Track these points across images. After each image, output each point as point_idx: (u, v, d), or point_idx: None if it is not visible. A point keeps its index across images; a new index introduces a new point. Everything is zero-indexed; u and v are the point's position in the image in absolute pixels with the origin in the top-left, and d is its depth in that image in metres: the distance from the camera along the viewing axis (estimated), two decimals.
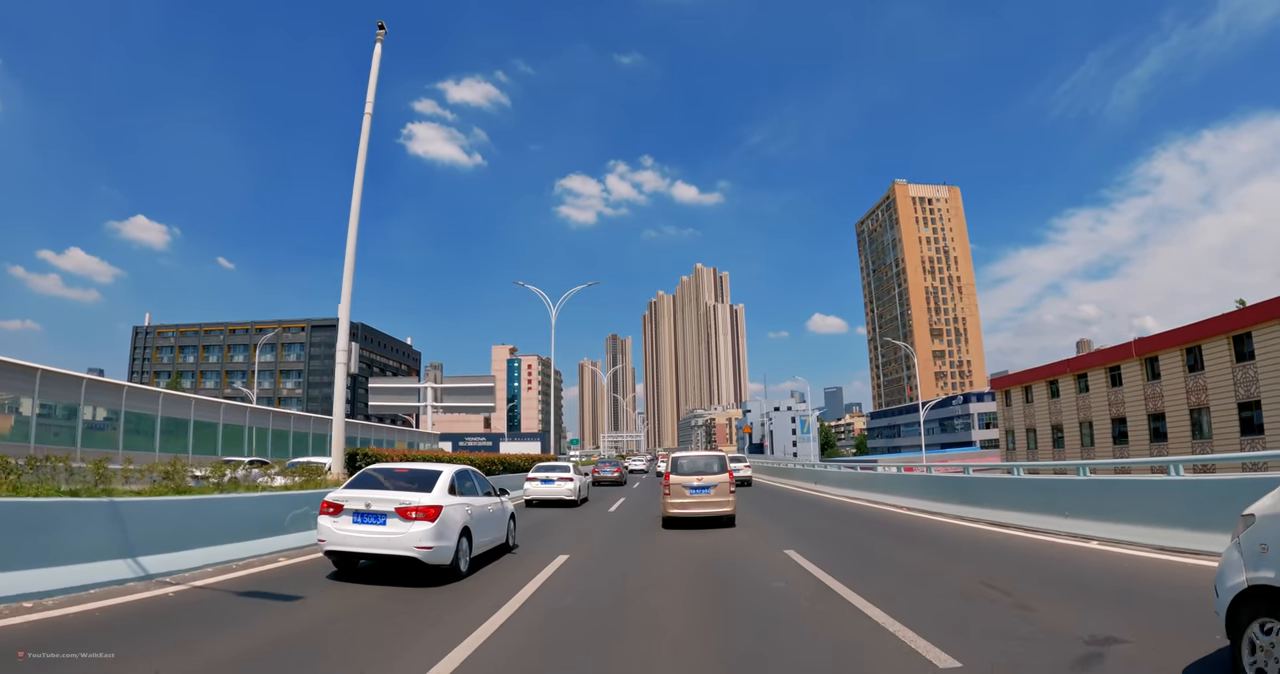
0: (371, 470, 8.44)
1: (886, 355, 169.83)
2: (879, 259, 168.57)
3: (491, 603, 6.27)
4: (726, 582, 7.65)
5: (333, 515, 7.43)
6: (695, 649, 4.85)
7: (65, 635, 4.84)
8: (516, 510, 10.93)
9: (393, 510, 7.28)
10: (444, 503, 7.59)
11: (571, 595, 6.81)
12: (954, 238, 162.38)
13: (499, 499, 9.77)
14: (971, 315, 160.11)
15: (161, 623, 5.47)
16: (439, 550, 7.32)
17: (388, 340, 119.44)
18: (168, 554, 7.46)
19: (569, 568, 8.51)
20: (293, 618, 5.83)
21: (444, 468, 8.46)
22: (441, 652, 4.63)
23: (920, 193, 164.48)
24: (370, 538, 7.26)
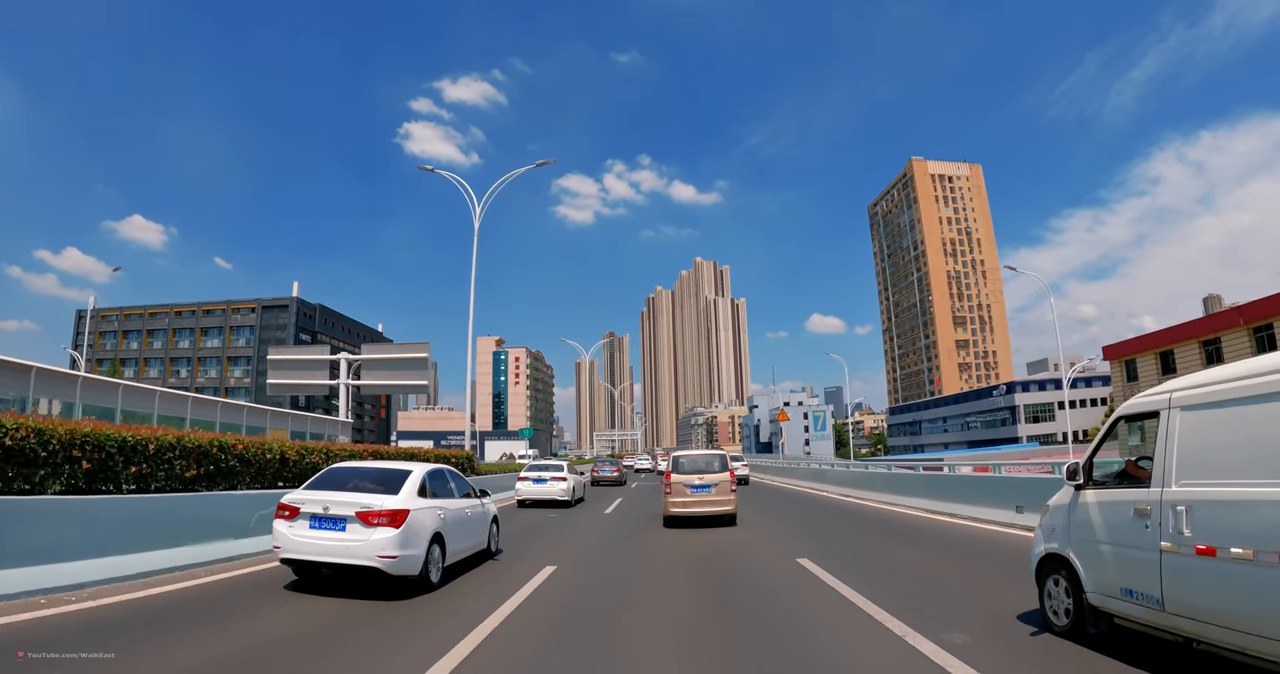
0: (337, 468, 7.72)
1: (904, 346, 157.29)
2: (894, 242, 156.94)
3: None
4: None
5: (288, 519, 6.72)
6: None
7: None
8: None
9: (353, 515, 6.58)
10: (412, 506, 6.88)
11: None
12: (976, 218, 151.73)
13: (479, 501, 9.10)
14: (996, 302, 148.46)
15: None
16: (404, 560, 6.64)
17: (352, 325, 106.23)
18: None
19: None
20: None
21: (414, 467, 7.72)
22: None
23: (940, 170, 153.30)
24: (328, 545, 6.56)
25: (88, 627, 5.19)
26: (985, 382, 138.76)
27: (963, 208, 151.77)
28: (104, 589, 6.43)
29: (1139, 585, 4.15)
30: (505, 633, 5.33)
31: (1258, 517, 3.43)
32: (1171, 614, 3.92)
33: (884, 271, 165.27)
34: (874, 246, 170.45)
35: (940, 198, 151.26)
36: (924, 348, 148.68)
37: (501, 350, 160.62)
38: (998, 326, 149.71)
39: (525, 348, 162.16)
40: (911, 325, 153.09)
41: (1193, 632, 3.85)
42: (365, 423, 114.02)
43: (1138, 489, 4.29)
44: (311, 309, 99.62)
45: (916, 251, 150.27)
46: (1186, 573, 3.82)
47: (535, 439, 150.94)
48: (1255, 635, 3.41)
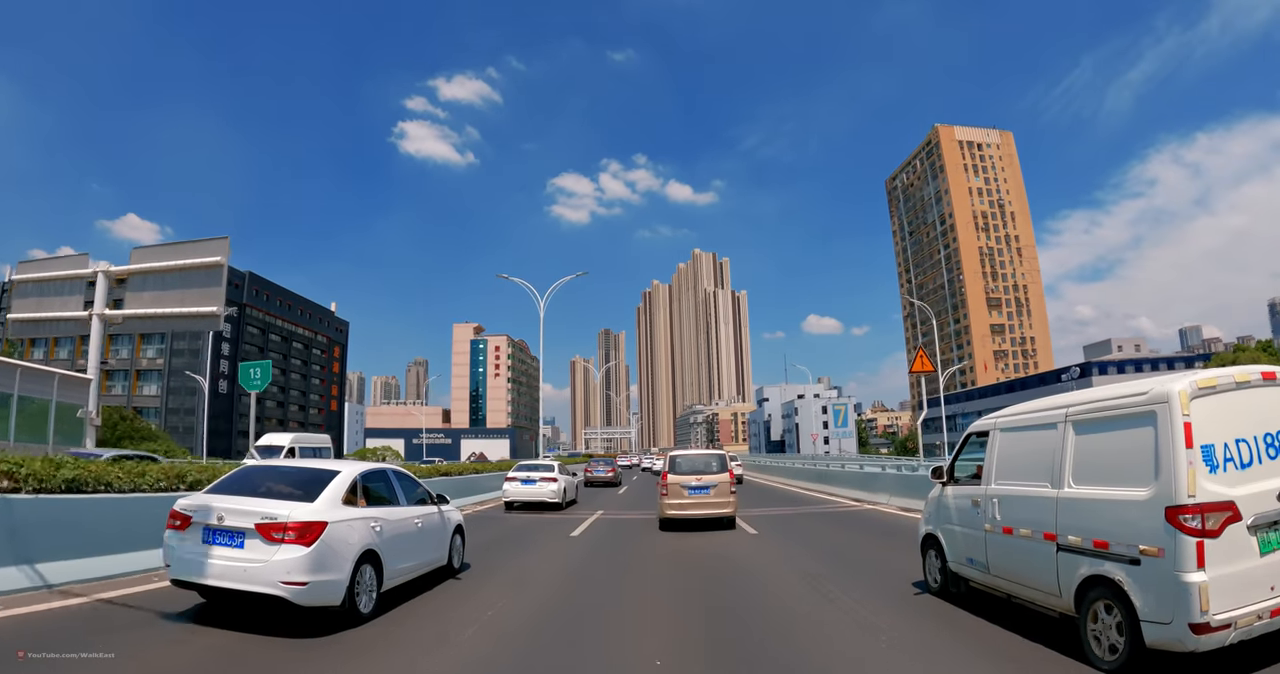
0: (253, 467, 6.52)
1: (931, 333, 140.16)
2: (917, 218, 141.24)
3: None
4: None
5: (179, 531, 5.43)
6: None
7: None
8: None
9: (251, 527, 5.21)
10: (330, 518, 5.46)
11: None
12: (1009, 190, 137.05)
13: (435, 509, 7.60)
14: (1034, 283, 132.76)
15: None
16: (318, 587, 5.24)
17: (294, 299, 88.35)
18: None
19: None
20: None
21: (343, 467, 6.31)
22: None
23: (968, 136, 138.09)
24: (221, 566, 5.21)
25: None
26: (1024, 372, 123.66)
27: (994, 178, 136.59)
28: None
29: (976, 555, 5.74)
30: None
31: (1030, 506, 5.02)
32: (994, 575, 5.48)
33: (904, 251, 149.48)
34: (893, 224, 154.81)
35: (969, 167, 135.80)
36: (953, 334, 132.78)
37: (480, 339, 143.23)
38: (1035, 310, 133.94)
39: (507, 336, 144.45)
40: (938, 309, 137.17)
41: (1005, 589, 5.40)
42: (311, 416, 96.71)
43: (976, 486, 5.83)
44: (239, 278, 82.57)
45: (943, 226, 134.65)
46: (998, 546, 5.38)
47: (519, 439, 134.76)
48: (1033, 589, 4.97)
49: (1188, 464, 3.80)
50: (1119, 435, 4.33)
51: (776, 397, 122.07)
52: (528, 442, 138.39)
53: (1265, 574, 3.83)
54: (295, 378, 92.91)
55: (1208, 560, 3.69)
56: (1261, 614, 3.77)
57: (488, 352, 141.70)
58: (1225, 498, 3.81)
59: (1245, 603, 3.75)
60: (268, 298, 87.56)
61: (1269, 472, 3.98)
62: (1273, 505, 3.90)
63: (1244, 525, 3.81)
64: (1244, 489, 3.87)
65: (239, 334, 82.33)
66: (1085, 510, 4.45)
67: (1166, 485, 3.86)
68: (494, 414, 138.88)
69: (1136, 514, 4.02)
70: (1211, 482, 3.83)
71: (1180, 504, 3.77)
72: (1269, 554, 3.87)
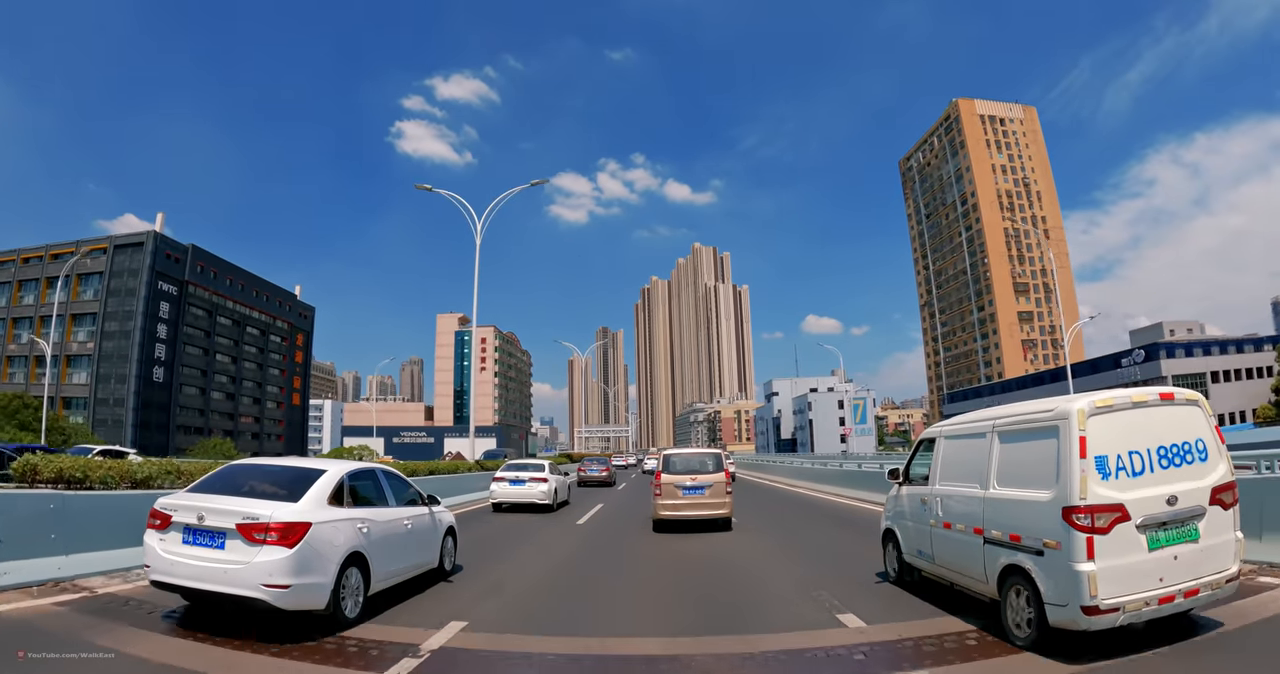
0: (237, 466, 6.22)
1: (950, 323, 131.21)
2: (935, 199, 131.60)
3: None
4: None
5: (159, 530, 5.26)
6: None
7: None
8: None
9: (233, 527, 5.04)
10: (315, 519, 5.30)
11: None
12: (1034, 167, 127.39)
13: (425, 510, 7.39)
14: (1062, 267, 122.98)
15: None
16: (301, 590, 5.07)
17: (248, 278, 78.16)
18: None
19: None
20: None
21: (329, 466, 6.06)
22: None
23: (989, 111, 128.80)
24: (202, 568, 5.02)
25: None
26: (1053, 363, 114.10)
27: (1018, 155, 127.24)
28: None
29: (924, 548, 6.31)
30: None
31: (964, 504, 5.58)
32: (938, 565, 6.06)
33: (921, 235, 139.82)
34: (908, 207, 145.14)
35: (991, 142, 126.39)
36: (976, 323, 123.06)
37: (465, 330, 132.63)
38: (1065, 296, 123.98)
39: (494, 327, 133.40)
40: (959, 297, 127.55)
41: (948, 577, 5.96)
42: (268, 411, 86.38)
43: (925, 487, 6.38)
44: (180, 251, 72.37)
45: (965, 206, 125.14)
46: (941, 539, 5.95)
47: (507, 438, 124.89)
48: (968, 576, 5.52)
49: (1080, 472, 4.40)
50: (1031, 445, 4.93)
51: (787, 391, 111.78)
52: (517, 441, 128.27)
53: (1153, 567, 4.37)
54: (249, 367, 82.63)
55: (1097, 553, 4.28)
56: (1149, 602, 4.35)
57: (473, 344, 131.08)
58: (1114, 501, 4.38)
59: (1133, 591, 4.32)
60: (215, 275, 77.33)
61: (1160, 480, 4.52)
62: (1162, 509, 4.45)
63: (1133, 525, 4.38)
64: (1134, 494, 4.43)
65: (179, 315, 72.14)
66: (1005, 508, 5.06)
67: (1064, 489, 4.48)
68: (480, 411, 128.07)
69: (1041, 512, 4.62)
70: (1103, 487, 4.42)
71: (1073, 505, 4.38)
72: (1157, 550, 4.42)
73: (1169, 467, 4.54)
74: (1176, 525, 4.47)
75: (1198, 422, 4.75)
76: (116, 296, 69.38)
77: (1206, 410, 4.85)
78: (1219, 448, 4.74)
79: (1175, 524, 4.47)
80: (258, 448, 77.43)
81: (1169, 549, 4.41)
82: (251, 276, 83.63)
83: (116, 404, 67.84)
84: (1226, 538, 4.61)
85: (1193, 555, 4.46)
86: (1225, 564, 4.57)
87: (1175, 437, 4.63)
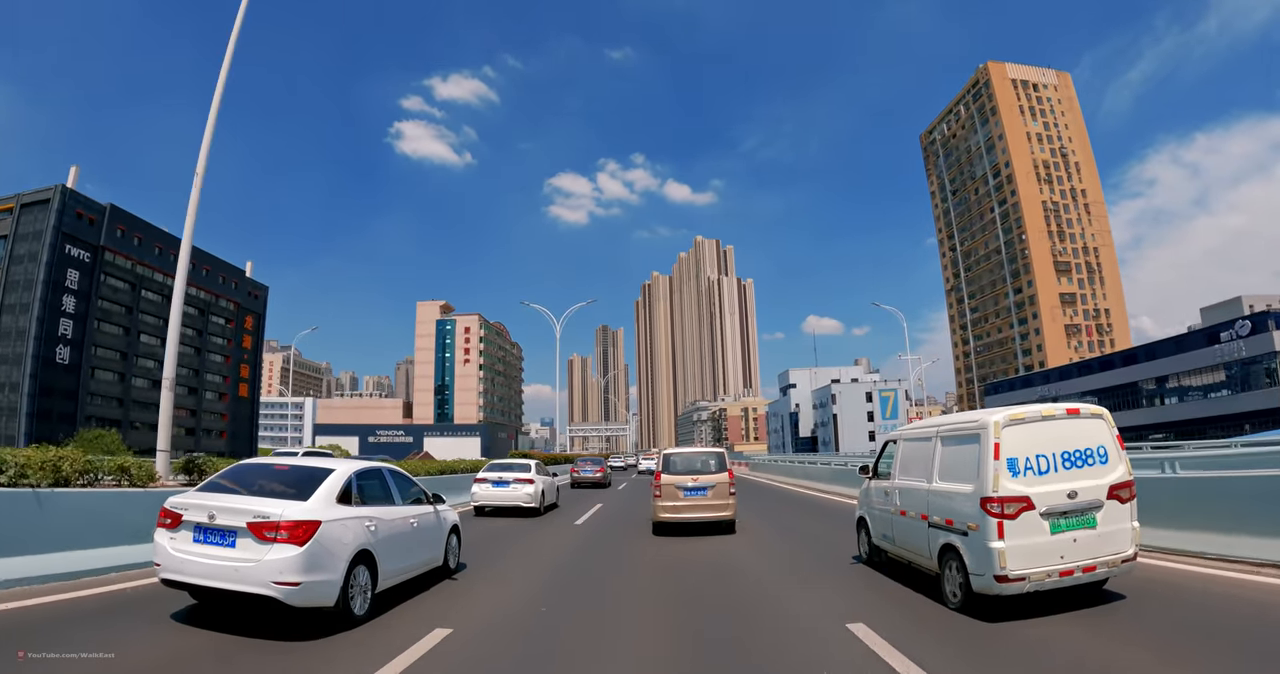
0: (247, 464, 6.27)
1: (981, 308, 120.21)
2: (963, 173, 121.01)
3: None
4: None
5: (170, 529, 5.30)
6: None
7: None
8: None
9: (243, 526, 5.10)
10: (325, 517, 5.36)
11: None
12: (1071, 136, 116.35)
13: (431, 508, 7.48)
14: (1105, 245, 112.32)
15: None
16: (311, 587, 5.12)
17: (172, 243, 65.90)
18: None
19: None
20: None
21: (338, 465, 6.14)
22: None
23: (1022, 75, 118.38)
24: (212, 566, 5.07)
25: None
26: (1100, 350, 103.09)
27: (1053, 123, 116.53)
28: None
29: (887, 532, 7.42)
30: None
31: (915, 495, 6.68)
32: (898, 547, 7.13)
33: (946, 214, 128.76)
34: (930, 184, 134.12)
35: (1025, 109, 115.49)
36: (1012, 307, 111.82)
37: (448, 319, 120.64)
38: (1109, 277, 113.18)
39: (479, 316, 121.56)
40: (992, 279, 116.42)
41: (905, 557, 7.04)
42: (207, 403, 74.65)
43: (888, 481, 7.43)
44: (95, 211, 60.76)
45: (997, 179, 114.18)
46: (900, 525, 6.99)
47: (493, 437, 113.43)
48: (918, 555, 6.63)
49: (994, 470, 5.47)
50: (962, 448, 6.02)
51: (806, 382, 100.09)
52: (505, 440, 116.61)
53: (1055, 547, 5.41)
54: (184, 351, 71.11)
55: (1006, 534, 5.34)
56: (1051, 574, 5.38)
57: (456, 334, 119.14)
58: (1021, 494, 5.43)
59: (1037, 565, 5.34)
60: (140, 242, 65.71)
61: (1063, 478, 5.58)
62: (1063, 501, 5.48)
63: (1037, 513, 5.42)
64: (1039, 489, 5.47)
65: (93, 286, 60.58)
66: (942, 498, 6.15)
67: (982, 482, 5.54)
68: (463, 407, 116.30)
69: (966, 501, 5.70)
70: (1012, 482, 5.46)
71: (988, 496, 5.45)
72: (1058, 534, 5.45)
73: (1071, 467, 5.64)
74: (1076, 515, 5.53)
75: (1101, 432, 5.85)
76: (20, 264, 58.02)
77: (1109, 422, 5.94)
78: (1119, 453, 5.83)
79: (1075, 514, 5.53)
80: (193, 445, 65.68)
81: (1069, 533, 5.49)
82: (175, 239, 72.24)
83: (12, 390, 56.43)
84: (1123, 526, 5.65)
85: (1091, 539, 5.52)
86: (1122, 547, 5.62)
87: (1079, 443, 5.72)
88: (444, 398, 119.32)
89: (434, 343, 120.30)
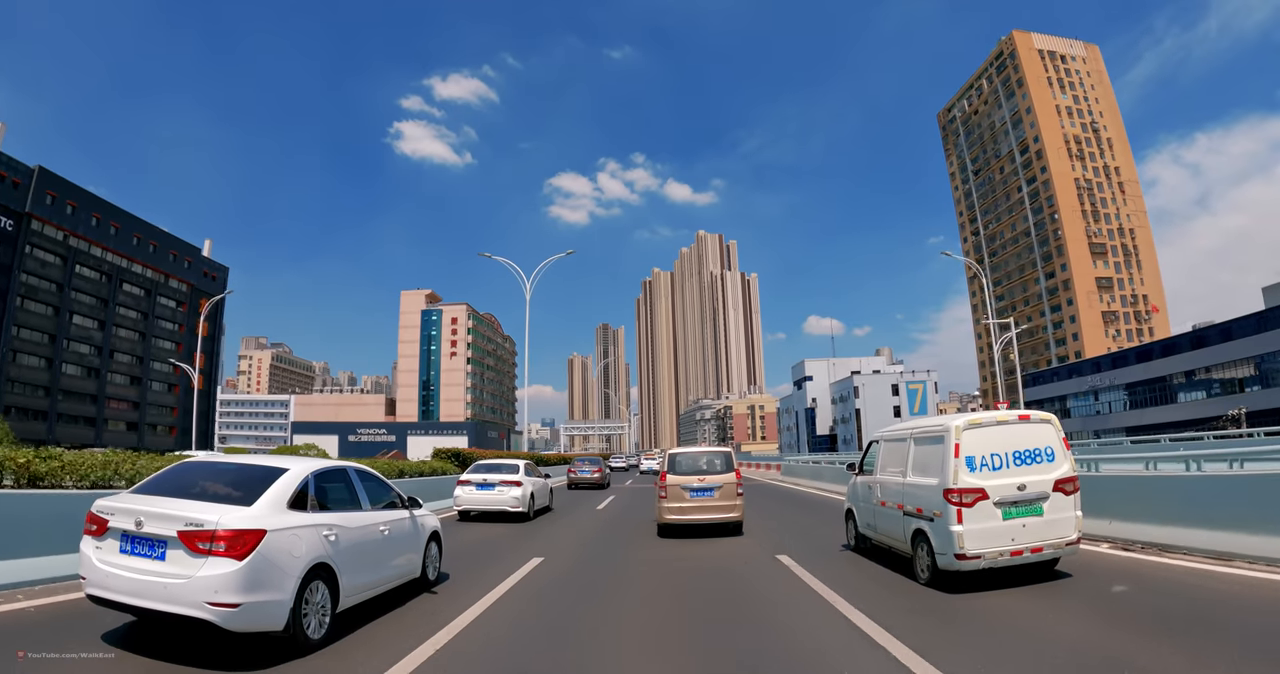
0: (190, 464, 5.45)
1: (1008, 295, 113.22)
2: (986, 152, 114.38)
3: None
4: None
5: (96, 536, 4.66)
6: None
7: None
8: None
9: (174, 535, 4.43)
10: (271, 525, 4.67)
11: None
12: (1102, 111, 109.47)
13: (406, 514, 6.76)
14: (1142, 226, 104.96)
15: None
16: (253, 609, 4.44)
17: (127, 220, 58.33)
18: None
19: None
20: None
21: (295, 463, 5.43)
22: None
23: (1049, 45, 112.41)
24: (140, 582, 4.40)
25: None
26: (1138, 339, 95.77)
27: (1083, 97, 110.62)
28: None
29: (870, 521, 8.68)
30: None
31: (893, 488, 7.89)
32: (880, 534, 8.40)
33: (968, 196, 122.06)
34: (949, 165, 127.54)
35: (1054, 81, 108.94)
36: (1043, 293, 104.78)
37: (433, 308, 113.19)
38: (1146, 261, 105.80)
39: (466, 305, 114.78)
40: (1020, 263, 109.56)
41: (886, 543, 8.29)
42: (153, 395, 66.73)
43: (872, 476, 8.67)
44: (21, 174, 52.97)
45: (1025, 156, 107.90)
46: (881, 515, 8.23)
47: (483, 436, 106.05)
48: (895, 541, 7.85)
49: (955, 467, 6.65)
50: (930, 447, 7.25)
51: (823, 374, 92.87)
52: (496, 440, 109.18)
53: (1006, 531, 6.58)
54: (125, 336, 63.41)
55: (964, 520, 6.50)
56: (1003, 553, 6.54)
57: (443, 325, 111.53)
58: (977, 486, 6.61)
59: (991, 546, 6.52)
60: (74, 211, 58.50)
61: (1014, 473, 6.74)
62: (1013, 493, 6.66)
63: (991, 502, 6.58)
64: (993, 482, 6.65)
65: (15, 258, 53.05)
66: (915, 490, 7.37)
67: (945, 477, 6.74)
68: (449, 404, 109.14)
69: (933, 492, 6.93)
70: (970, 477, 6.65)
71: (949, 488, 6.63)
72: (1010, 520, 6.61)
73: (1022, 465, 6.79)
74: (1025, 504, 6.69)
75: (1049, 435, 7.04)
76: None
77: (1057, 427, 7.15)
78: (1065, 453, 7.00)
79: (1024, 503, 6.68)
80: (135, 442, 57.94)
81: (1019, 520, 6.64)
82: (134, 220, 64.81)
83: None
84: (1067, 515, 6.80)
85: (1039, 525, 6.67)
86: (1066, 533, 6.77)
87: (1029, 444, 6.91)
88: (428, 394, 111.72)
89: (418, 335, 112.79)
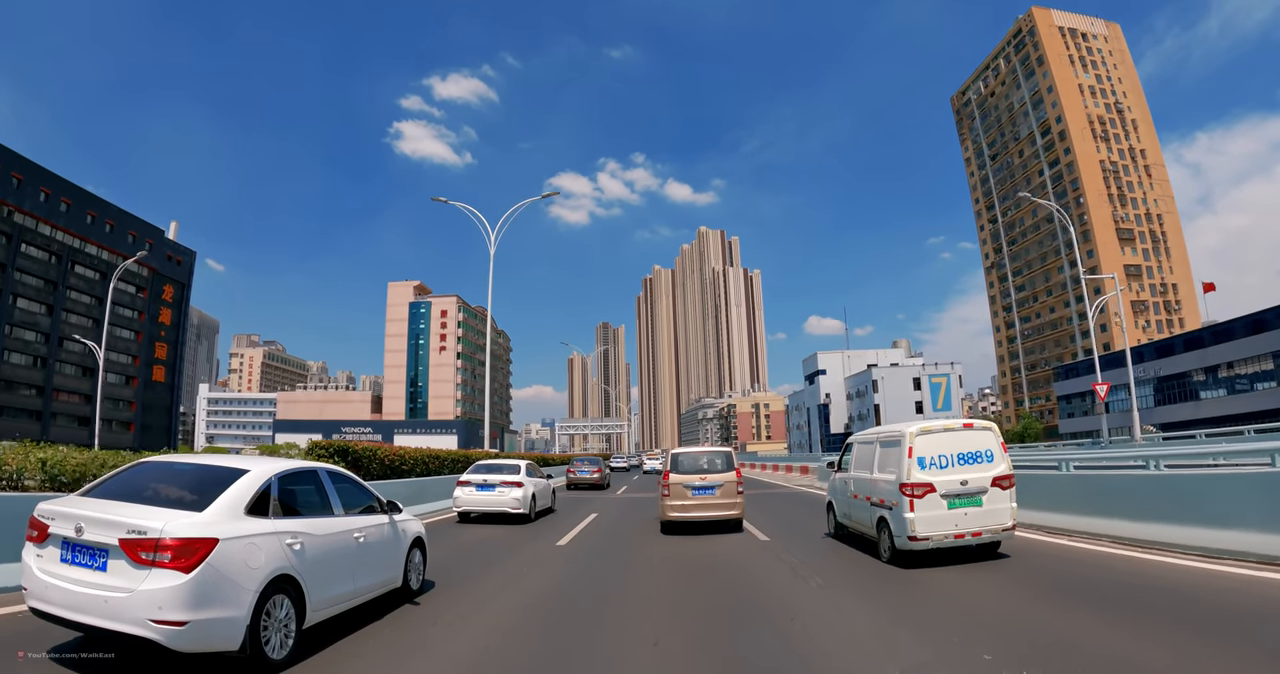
0: (150, 463, 5.11)
1: (1028, 285, 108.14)
2: (1004, 134, 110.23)
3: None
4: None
5: (37, 543, 4.36)
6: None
7: None
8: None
9: (115, 543, 4.07)
10: (223, 533, 4.30)
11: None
12: (1125, 92, 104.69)
13: (384, 519, 6.33)
14: (1169, 212, 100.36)
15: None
16: (203, 627, 4.08)
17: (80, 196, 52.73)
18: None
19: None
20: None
21: (255, 465, 5.03)
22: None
23: (1070, 23, 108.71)
24: (79, 594, 4.05)
25: None
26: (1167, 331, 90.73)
27: (1105, 77, 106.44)
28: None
29: (847, 512, 10.37)
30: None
31: (863, 483, 9.57)
32: (853, 523, 10.10)
33: (984, 181, 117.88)
34: (965, 150, 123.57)
35: (1076, 59, 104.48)
36: (1068, 282, 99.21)
37: (421, 301, 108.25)
38: (1175, 248, 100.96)
39: (457, 297, 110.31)
40: (1042, 251, 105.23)
41: (858, 530, 9.97)
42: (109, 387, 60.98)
43: (848, 473, 10.38)
44: None
45: (1047, 137, 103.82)
46: (855, 506, 9.86)
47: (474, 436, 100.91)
48: (865, 528, 9.51)
49: (909, 465, 8.21)
50: (892, 449, 8.81)
51: (838, 368, 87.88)
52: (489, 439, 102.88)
53: (951, 518, 8.10)
54: (77, 322, 57.85)
55: (915, 509, 8.06)
56: (948, 536, 8.08)
57: (432, 317, 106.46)
58: (926, 481, 8.17)
59: (937, 531, 8.07)
60: (20, 184, 53.69)
61: (959, 471, 8.24)
62: (957, 487, 8.16)
63: (938, 495, 8.12)
64: (939, 478, 8.17)
65: None
66: (879, 485, 8.99)
67: (901, 473, 8.32)
68: (438, 401, 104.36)
69: (891, 486, 8.51)
70: (921, 473, 8.20)
71: (904, 482, 8.20)
72: (954, 509, 8.13)
73: (965, 464, 8.31)
74: (967, 496, 8.20)
75: (989, 439, 8.56)
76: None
77: (997, 433, 8.69)
78: (1002, 454, 8.49)
79: (966, 496, 8.20)
80: (86, 438, 52.42)
81: (961, 509, 8.16)
82: (88, 196, 59.81)
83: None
84: (1003, 505, 8.31)
85: (979, 514, 8.19)
86: (1003, 521, 8.29)
87: (972, 447, 8.42)
88: (416, 391, 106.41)
89: (406, 328, 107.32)
